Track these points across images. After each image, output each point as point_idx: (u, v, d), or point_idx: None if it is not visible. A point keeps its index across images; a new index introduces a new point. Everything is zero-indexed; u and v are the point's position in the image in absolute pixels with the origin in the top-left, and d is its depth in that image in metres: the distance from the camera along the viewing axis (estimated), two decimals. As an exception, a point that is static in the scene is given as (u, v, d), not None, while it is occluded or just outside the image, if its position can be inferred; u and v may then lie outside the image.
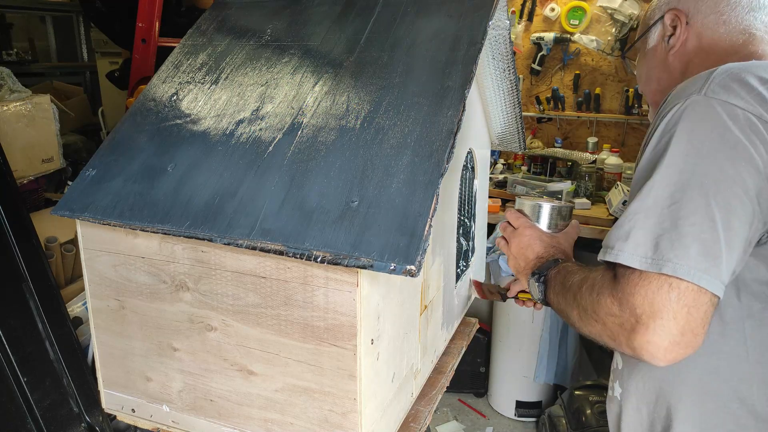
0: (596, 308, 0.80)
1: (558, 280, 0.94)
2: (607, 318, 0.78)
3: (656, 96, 1.09)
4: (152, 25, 2.87)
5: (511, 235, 1.11)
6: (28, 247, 1.39)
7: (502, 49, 1.26)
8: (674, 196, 0.75)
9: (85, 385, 1.38)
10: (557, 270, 0.96)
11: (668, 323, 0.72)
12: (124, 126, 1.07)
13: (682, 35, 1.01)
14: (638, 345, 0.74)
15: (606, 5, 3.24)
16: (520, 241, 1.08)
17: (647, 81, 1.11)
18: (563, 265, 0.97)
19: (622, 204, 2.82)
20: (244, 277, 0.89)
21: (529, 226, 1.09)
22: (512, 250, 1.10)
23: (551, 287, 0.96)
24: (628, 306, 0.75)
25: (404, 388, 1.04)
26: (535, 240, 1.07)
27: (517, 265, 1.09)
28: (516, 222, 1.12)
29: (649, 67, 1.09)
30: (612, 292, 0.78)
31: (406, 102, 0.94)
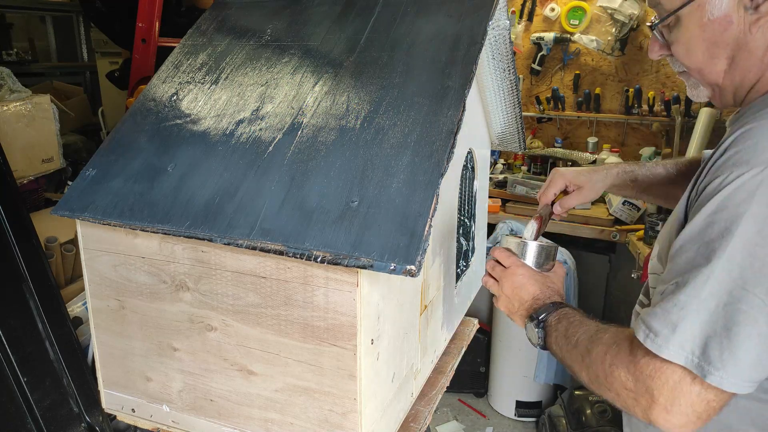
0: (610, 380, 0.80)
1: (560, 330, 0.92)
2: (621, 390, 0.79)
3: (722, 78, 0.89)
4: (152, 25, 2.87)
5: (501, 274, 1.06)
6: (28, 247, 1.39)
7: (502, 49, 1.26)
8: (733, 294, 0.70)
9: (85, 385, 1.38)
10: (558, 317, 0.94)
11: (686, 409, 0.72)
12: (124, 126, 1.07)
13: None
14: (654, 419, 0.75)
15: (606, 5, 3.24)
16: (514, 280, 1.04)
17: (709, 59, 0.88)
18: (564, 312, 0.94)
19: (622, 204, 2.82)
20: (244, 277, 0.89)
21: (521, 265, 1.05)
22: (504, 290, 1.05)
23: (552, 335, 0.93)
24: (645, 386, 0.75)
25: (404, 388, 1.04)
26: (530, 280, 1.03)
27: (510, 306, 1.05)
28: (507, 261, 1.07)
29: (712, 42, 0.86)
30: (628, 368, 0.77)
31: (406, 102, 0.94)
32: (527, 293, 1.02)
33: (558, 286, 1.05)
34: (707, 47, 0.87)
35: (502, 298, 1.06)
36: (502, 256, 1.08)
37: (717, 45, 0.86)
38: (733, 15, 0.83)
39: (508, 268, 1.06)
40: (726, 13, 0.83)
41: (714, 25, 0.85)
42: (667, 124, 3.23)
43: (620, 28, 3.27)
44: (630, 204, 2.82)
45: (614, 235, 2.81)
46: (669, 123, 3.22)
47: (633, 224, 2.83)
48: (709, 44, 0.87)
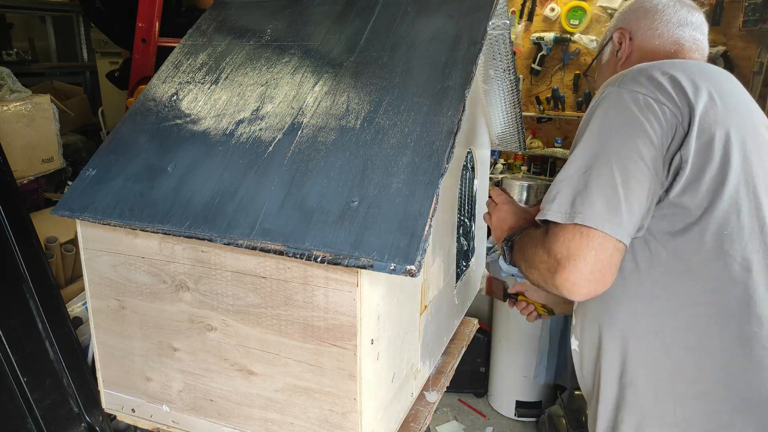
0: (533, 258, 0.97)
1: (519, 244, 1.08)
2: (540, 265, 0.95)
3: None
4: (152, 25, 2.87)
5: (492, 209, 1.24)
6: (28, 247, 1.39)
7: (502, 49, 1.26)
8: (587, 164, 0.93)
9: (85, 385, 1.38)
10: (521, 236, 1.09)
11: (580, 264, 0.89)
12: (124, 126, 1.07)
13: (627, 48, 1.20)
14: (559, 283, 0.91)
15: (606, 5, 3.24)
16: (499, 215, 1.21)
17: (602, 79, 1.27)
18: (527, 232, 1.09)
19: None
20: (244, 277, 0.89)
21: (507, 201, 1.22)
22: (493, 222, 1.23)
23: (515, 251, 1.09)
24: (552, 252, 0.92)
25: (404, 388, 1.04)
26: (510, 213, 1.20)
27: (496, 236, 1.22)
28: (497, 198, 1.24)
29: (603, 78, 1.24)
30: (542, 243, 0.95)
31: (406, 102, 0.94)
32: (506, 224, 1.20)
33: (532, 216, 1.17)
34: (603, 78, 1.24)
35: (492, 230, 1.24)
36: (495, 193, 1.27)
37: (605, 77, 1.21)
38: (611, 60, 1.25)
39: (497, 204, 1.23)
40: (608, 60, 1.26)
41: (604, 67, 1.28)
42: (667, 124, 3.23)
43: (620, 28, 3.27)
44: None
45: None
46: (669, 123, 3.21)
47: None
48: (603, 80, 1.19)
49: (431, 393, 1.15)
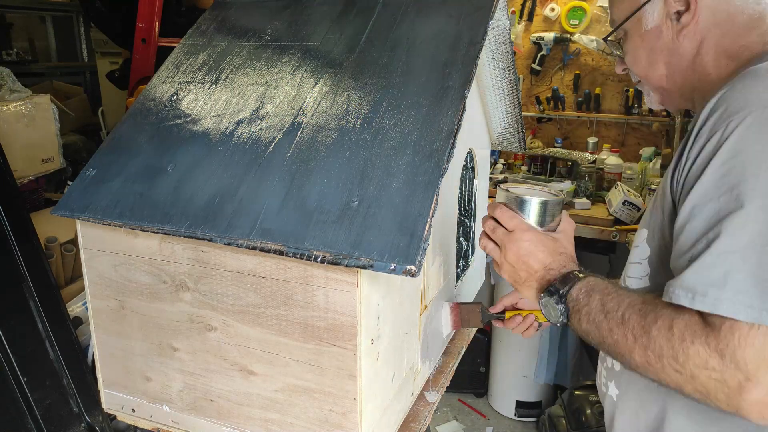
0: (682, 358, 0.71)
1: (593, 305, 0.82)
2: (700, 371, 0.69)
3: (665, 81, 0.97)
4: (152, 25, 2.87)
5: (504, 239, 0.95)
6: (28, 247, 1.39)
7: (502, 49, 1.26)
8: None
9: (85, 385, 1.38)
10: (585, 290, 0.84)
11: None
12: (124, 126, 1.07)
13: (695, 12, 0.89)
14: (746, 404, 0.67)
15: (606, 5, 3.24)
16: (519, 247, 0.93)
17: (650, 65, 0.97)
18: (591, 283, 0.85)
19: (622, 204, 2.82)
20: (244, 277, 0.89)
21: (527, 228, 0.94)
22: (508, 258, 0.94)
23: (581, 311, 0.83)
24: (734, 361, 0.67)
25: (404, 388, 1.04)
26: (538, 245, 0.92)
27: (516, 275, 0.94)
28: (510, 222, 0.95)
29: (650, 49, 0.95)
30: (708, 342, 0.69)
31: (406, 102, 0.94)
32: (537, 262, 0.92)
33: (569, 249, 0.96)
34: (647, 55, 0.97)
35: (505, 266, 0.95)
36: (504, 216, 0.96)
37: (654, 52, 0.96)
38: (662, 26, 0.94)
39: (511, 231, 0.94)
40: (657, 24, 0.94)
41: (650, 35, 0.96)
42: (667, 124, 3.23)
43: (620, 28, 3.27)
44: (630, 204, 2.82)
45: (614, 235, 2.81)
46: (669, 123, 3.22)
47: (633, 224, 2.83)
48: (648, 52, 0.97)
49: (431, 393, 1.15)
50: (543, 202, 0.96)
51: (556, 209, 0.97)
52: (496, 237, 0.97)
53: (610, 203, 2.95)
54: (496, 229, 0.97)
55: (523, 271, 0.93)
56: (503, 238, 0.95)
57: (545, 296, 0.89)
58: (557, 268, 0.91)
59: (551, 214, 0.96)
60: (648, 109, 3.30)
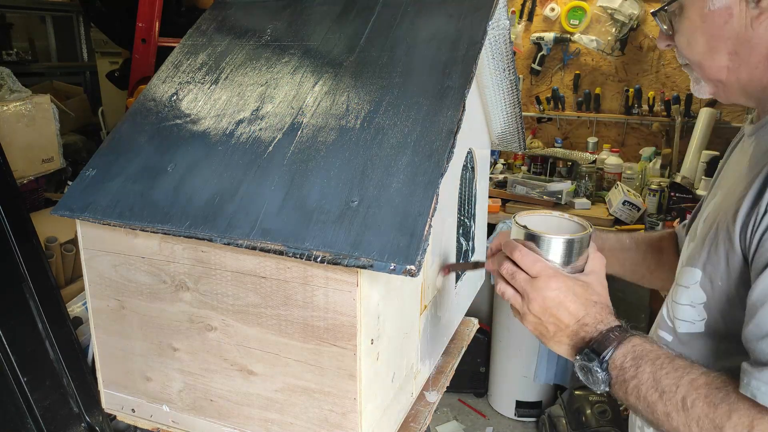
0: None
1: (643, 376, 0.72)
2: None
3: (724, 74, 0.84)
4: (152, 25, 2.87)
5: (527, 286, 0.82)
6: (28, 247, 1.39)
7: (502, 49, 1.26)
8: None
9: (85, 385, 1.38)
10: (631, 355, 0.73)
11: None
12: (124, 126, 1.07)
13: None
14: None
15: (606, 5, 3.24)
16: (546, 296, 0.80)
17: (709, 53, 0.83)
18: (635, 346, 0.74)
19: (622, 204, 2.82)
20: (244, 277, 0.89)
21: (552, 274, 0.80)
22: (533, 309, 0.81)
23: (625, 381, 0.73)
24: None
25: (404, 388, 1.04)
26: (568, 294, 0.80)
27: (543, 329, 0.82)
28: (533, 267, 0.81)
29: (712, 35, 0.81)
30: None
31: (406, 102, 0.94)
32: (568, 315, 0.80)
33: (604, 295, 0.83)
34: (707, 40, 0.82)
35: (529, 317, 0.83)
36: (526, 260, 0.82)
37: (717, 38, 0.81)
38: (734, 8, 0.79)
39: (535, 277, 0.81)
40: (727, 5, 0.79)
41: (714, 16, 0.80)
42: (667, 124, 3.23)
43: (620, 28, 3.27)
44: (630, 204, 2.82)
45: (614, 235, 2.81)
46: (669, 123, 3.22)
47: (633, 224, 2.83)
48: (709, 37, 0.82)
49: (431, 393, 1.15)
50: (569, 241, 0.82)
51: (584, 246, 0.84)
52: (517, 284, 0.84)
53: (610, 203, 2.95)
54: (516, 275, 0.83)
55: (552, 325, 0.81)
56: (525, 286, 0.82)
57: (582, 359, 0.77)
58: (592, 323, 0.79)
59: (578, 252, 0.83)
60: (647, 109, 3.30)
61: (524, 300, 0.83)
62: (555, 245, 0.82)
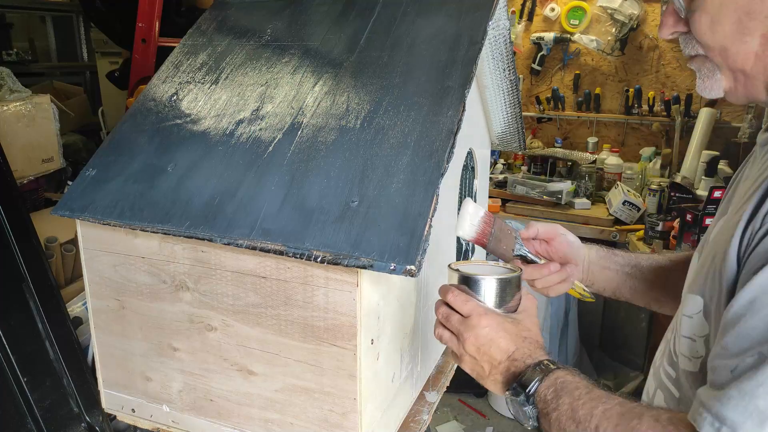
0: None
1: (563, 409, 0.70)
2: None
3: (750, 63, 0.70)
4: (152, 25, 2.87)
5: (460, 327, 0.81)
6: (28, 247, 1.39)
7: (502, 49, 1.26)
8: None
9: (85, 385, 1.38)
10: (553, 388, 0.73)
11: None
12: (124, 126, 1.07)
13: None
14: None
15: (606, 5, 3.24)
16: (478, 335, 0.80)
17: (739, 35, 0.69)
18: (559, 379, 0.73)
19: (622, 204, 2.82)
20: (244, 277, 0.89)
21: (484, 313, 0.81)
22: (467, 348, 0.81)
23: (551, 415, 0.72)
24: None
25: (404, 388, 1.04)
26: (499, 332, 0.79)
27: (479, 369, 0.81)
28: (464, 307, 0.82)
29: (747, 11, 0.67)
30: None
31: (406, 102, 0.94)
32: (499, 351, 0.79)
33: (534, 331, 0.83)
34: (738, 18, 0.68)
35: (465, 358, 0.82)
36: (458, 301, 0.83)
37: (753, 16, 0.67)
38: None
39: (467, 317, 0.82)
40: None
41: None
42: (667, 124, 3.23)
43: (620, 28, 3.27)
44: (630, 204, 2.82)
45: (614, 235, 2.81)
46: (669, 123, 3.22)
47: (633, 224, 2.83)
48: (742, 14, 0.68)
49: (431, 393, 1.15)
50: (500, 280, 0.85)
51: (514, 286, 0.87)
52: (451, 325, 0.83)
53: (610, 203, 2.95)
54: (450, 317, 0.83)
55: (486, 363, 0.80)
56: (459, 327, 0.82)
57: (511, 394, 0.77)
58: (521, 358, 0.78)
59: (510, 292, 0.86)
60: (647, 109, 3.30)
61: (459, 341, 0.82)
62: (487, 286, 0.84)
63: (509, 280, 0.86)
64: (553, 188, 2.97)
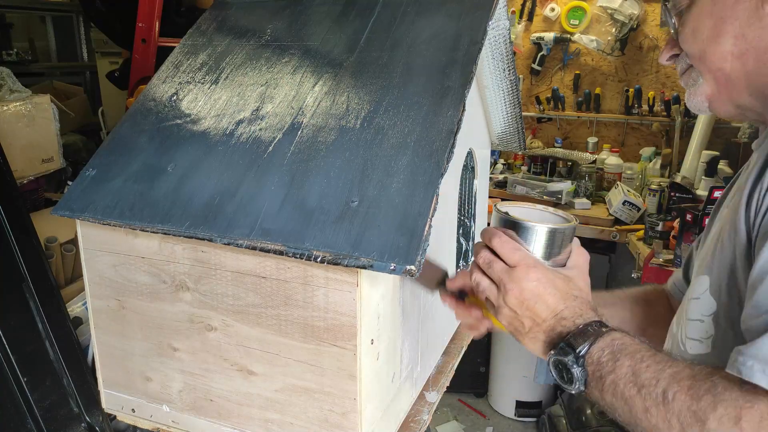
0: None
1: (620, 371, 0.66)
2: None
3: (728, 61, 0.75)
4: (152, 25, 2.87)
5: (503, 276, 0.75)
6: (28, 247, 1.39)
7: (502, 49, 1.26)
8: None
9: (85, 385, 1.38)
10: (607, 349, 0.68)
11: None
12: (124, 126, 1.07)
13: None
14: None
15: (606, 5, 3.24)
16: (523, 288, 0.74)
17: (714, 37, 0.75)
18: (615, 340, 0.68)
19: (622, 204, 2.82)
20: (244, 277, 0.89)
21: (533, 264, 0.75)
22: (509, 301, 0.75)
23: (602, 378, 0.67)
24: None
25: (404, 388, 1.04)
26: (548, 288, 0.74)
27: (517, 324, 0.76)
28: (512, 256, 0.75)
29: (720, 16, 0.73)
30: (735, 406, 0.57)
31: (406, 102, 0.94)
32: (545, 308, 0.74)
33: (586, 291, 0.78)
34: (714, 24, 0.74)
35: (504, 311, 0.77)
36: (505, 248, 0.76)
37: (724, 20, 0.73)
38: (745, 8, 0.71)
39: (514, 267, 0.75)
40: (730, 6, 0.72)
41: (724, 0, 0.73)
42: (667, 124, 3.23)
43: (620, 28, 3.28)
44: (630, 204, 2.82)
45: (614, 235, 2.82)
46: (669, 123, 3.22)
47: (633, 224, 2.84)
48: (717, 19, 0.74)
49: (431, 393, 1.15)
50: (552, 230, 0.76)
51: (567, 238, 0.78)
52: (493, 273, 0.77)
53: (610, 203, 2.95)
54: (493, 263, 0.77)
55: (528, 319, 0.75)
56: (502, 276, 0.76)
57: (557, 354, 0.71)
58: (570, 317, 0.73)
59: (562, 244, 0.78)
60: (647, 109, 3.30)
61: (500, 291, 0.76)
62: (538, 234, 0.77)
63: (563, 231, 0.77)
64: (553, 188, 2.98)
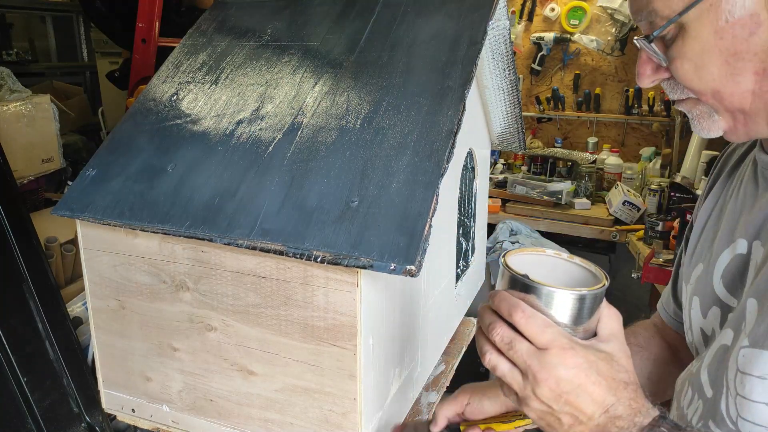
0: None
1: None
2: None
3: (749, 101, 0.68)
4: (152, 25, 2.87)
5: (532, 362, 0.60)
6: (28, 247, 1.39)
7: (502, 49, 1.26)
8: None
9: (85, 385, 1.38)
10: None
11: None
12: (124, 126, 1.07)
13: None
14: None
15: (606, 5, 3.25)
16: (560, 378, 0.59)
17: (731, 75, 0.67)
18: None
19: (622, 204, 2.82)
20: (244, 277, 0.89)
21: (569, 346, 0.60)
22: (541, 393, 0.60)
23: None
24: None
25: (404, 389, 1.04)
26: (590, 375, 0.59)
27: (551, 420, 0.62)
28: (541, 336, 0.60)
29: (732, 53, 0.66)
30: None
31: (406, 102, 0.94)
32: (591, 403, 0.59)
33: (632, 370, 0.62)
34: (725, 60, 0.67)
35: (533, 404, 0.62)
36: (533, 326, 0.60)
37: (740, 56, 0.66)
38: (761, 13, 0.63)
39: (546, 350, 0.60)
40: (752, 11, 0.63)
41: (735, 29, 0.64)
42: (667, 124, 3.23)
43: (620, 28, 3.28)
44: (630, 204, 2.82)
45: (614, 235, 2.82)
46: (669, 123, 3.22)
47: (633, 224, 2.84)
48: (728, 55, 0.66)
49: (431, 393, 1.15)
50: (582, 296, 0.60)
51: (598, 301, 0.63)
52: (516, 357, 0.62)
53: (610, 203, 2.95)
54: (516, 343, 0.62)
55: (567, 416, 0.60)
56: (530, 362, 0.60)
57: None
58: (627, 416, 0.59)
59: (590, 309, 0.62)
60: (647, 109, 3.30)
61: (527, 380, 0.61)
62: (564, 301, 0.60)
63: (595, 295, 0.62)
64: (553, 188, 2.98)
